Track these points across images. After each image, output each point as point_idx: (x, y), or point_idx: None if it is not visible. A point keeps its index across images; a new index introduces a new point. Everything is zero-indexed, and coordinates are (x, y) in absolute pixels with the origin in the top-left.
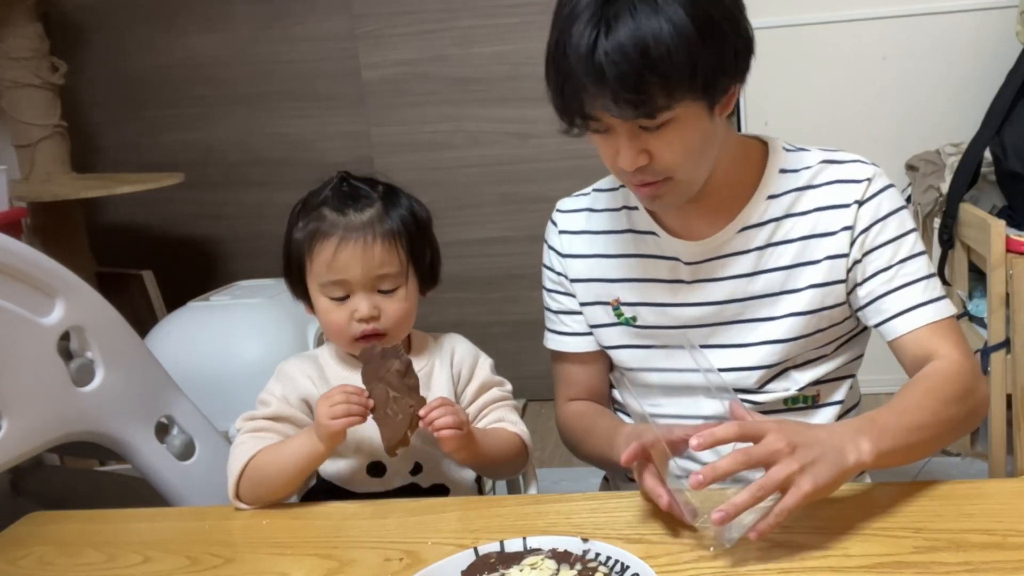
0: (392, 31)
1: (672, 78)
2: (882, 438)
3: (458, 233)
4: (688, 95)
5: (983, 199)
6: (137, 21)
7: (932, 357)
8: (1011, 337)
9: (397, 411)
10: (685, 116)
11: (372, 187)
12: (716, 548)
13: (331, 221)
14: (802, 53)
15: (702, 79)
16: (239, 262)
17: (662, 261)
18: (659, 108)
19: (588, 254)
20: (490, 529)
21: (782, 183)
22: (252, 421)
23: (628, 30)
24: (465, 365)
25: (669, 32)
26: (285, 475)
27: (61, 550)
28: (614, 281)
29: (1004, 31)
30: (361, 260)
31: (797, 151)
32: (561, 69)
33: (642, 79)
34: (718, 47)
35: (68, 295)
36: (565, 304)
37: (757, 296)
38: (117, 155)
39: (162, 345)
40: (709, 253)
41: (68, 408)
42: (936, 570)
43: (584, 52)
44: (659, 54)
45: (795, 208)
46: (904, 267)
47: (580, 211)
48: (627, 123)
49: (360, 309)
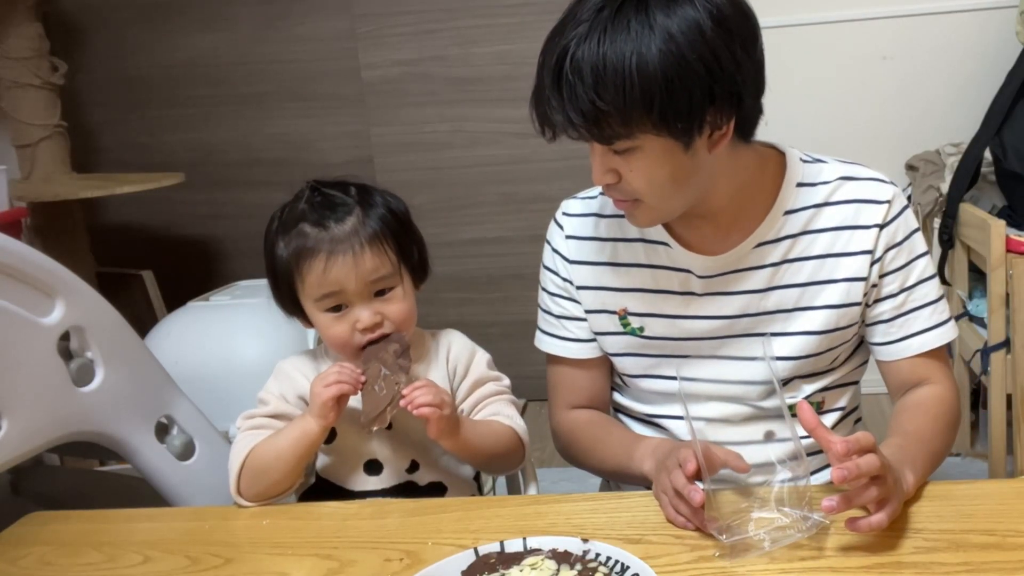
0: (392, 31)
1: (624, 108)
2: (915, 469)
3: (458, 233)
4: (647, 130)
5: (983, 199)
6: (137, 21)
7: (925, 383)
8: (1011, 337)
9: (383, 387)
10: (650, 148)
11: (345, 192)
12: (726, 557)
13: (314, 237)
14: (802, 53)
15: (659, 115)
16: (239, 262)
17: (674, 273)
18: (615, 136)
19: (596, 261)
20: (490, 529)
21: (800, 198)
22: (251, 419)
23: (593, 51)
24: (461, 360)
25: (631, 63)
26: (282, 461)
27: (61, 550)
28: (622, 291)
29: (1004, 31)
30: (354, 271)
31: (815, 162)
32: (538, 74)
33: (593, 104)
34: (684, 89)
35: (68, 295)
36: (569, 310)
37: (770, 312)
38: (117, 155)
39: (162, 345)
40: (723, 268)
41: (68, 408)
42: (936, 570)
43: (554, 64)
44: (614, 83)
45: (812, 225)
46: (913, 293)
47: (588, 216)
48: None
49: (362, 319)
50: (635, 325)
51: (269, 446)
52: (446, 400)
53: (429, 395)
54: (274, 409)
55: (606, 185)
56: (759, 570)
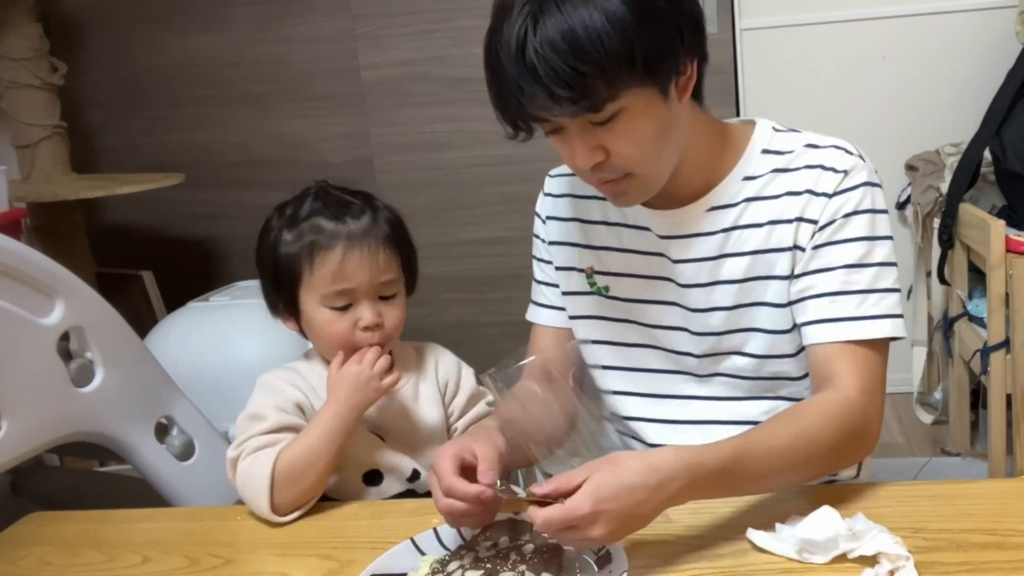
0: (392, 31)
1: (609, 67)
2: (707, 490)
3: (458, 233)
4: (632, 83)
5: (983, 199)
6: (137, 21)
7: (830, 381)
8: (1011, 337)
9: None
10: (635, 105)
11: (352, 196)
12: None
13: (331, 231)
14: (802, 53)
15: (642, 64)
16: (239, 262)
17: (635, 232)
18: (602, 100)
19: (567, 217)
20: None
21: (762, 164)
22: (253, 439)
23: (556, 22)
24: (451, 377)
25: (600, 19)
26: (320, 457)
27: (61, 550)
28: (590, 248)
29: (1004, 31)
30: (368, 267)
31: (788, 132)
32: (496, 71)
33: (577, 72)
34: (658, 28)
35: (68, 295)
36: (547, 274)
37: (724, 281)
38: (117, 155)
39: (162, 345)
40: (678, 229)
41: (68, 408)
42: (936, 570)
43: (515, 51)
44: (591, 44)
45: (767, 191)
46: (851, 274)
47: (568, 176)
48: (576, 120)
49: (364, 317)
50: (601, 284)
51: (299, 449)
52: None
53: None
54: (275, 422)
55: (594, 166)
56: (759, 570)
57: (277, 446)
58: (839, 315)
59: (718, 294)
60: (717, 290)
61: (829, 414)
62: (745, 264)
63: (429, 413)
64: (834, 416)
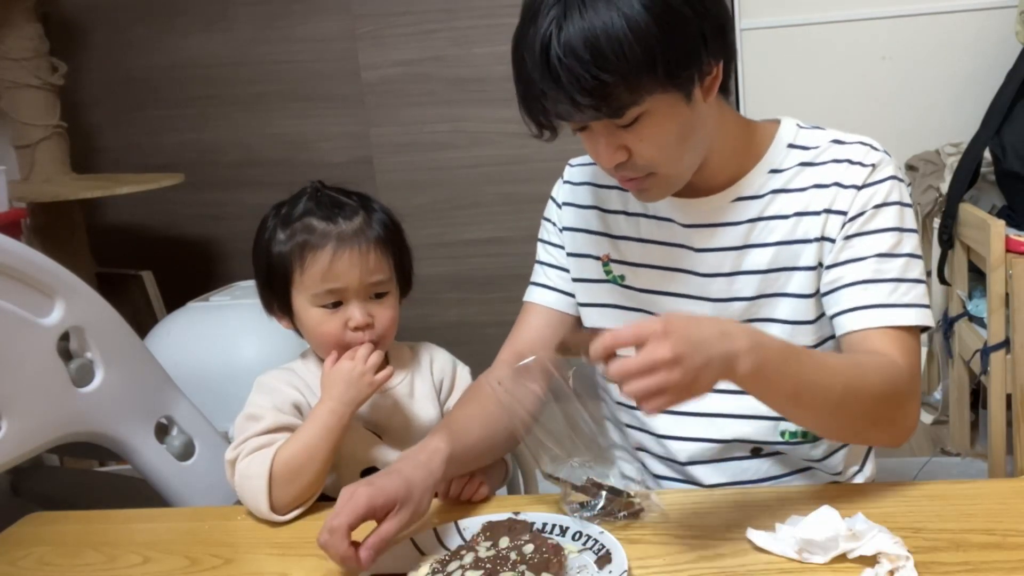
0: (392, 31)
1: (630, 76)
2: (765, 367)
3: (458, 233)
4: (654, 89)
5: (983, 199)
6: (137, 21)
7: (875, 355)
8: (1011, 337)
9: None
10: (658, 108)
11: (347, 196)
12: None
13: (322, 231)
14: (802, 53)
15: (664, 70)
16: (239, 262)
17: (655, 223)
18: (624, 106)
19: (586, 205)
20: None
21: (788, 158)
22: (251, 440)
23: (578, 28)
24: (446, 376)
25: (621, 25)
26: (316, 454)
27: (61, 550)
28: (608, 236)
29: (1004, 31)
30: (358, 267)
31: (812, 129)
32: (520, 73)
33: (598, 79)
34: (681, 36)
35: (68, 295)
36: (554, 256)
37: (747, 271)
38: (117, 155)
39: (162, 345)
40: (703, 218)
41: (68, 408)
42: (936, 570)
43: (539, 56)
44: (613, 52)
45: (793, 184)
46: (882, 263)
47: (590, 164)
48: (600, 122)
49: (354, 317)
50: (617, 273)
51: (295, 447)
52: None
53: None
54: (272, 422)
55: (617, 165)
56: (759, 570)
57: (274, 446)
58: (873, 302)
59: (740, 283)
60: (739, 280)
61: (882, 365)
62: (770, 255)
63: (425, 410)
64: (885, 368)
